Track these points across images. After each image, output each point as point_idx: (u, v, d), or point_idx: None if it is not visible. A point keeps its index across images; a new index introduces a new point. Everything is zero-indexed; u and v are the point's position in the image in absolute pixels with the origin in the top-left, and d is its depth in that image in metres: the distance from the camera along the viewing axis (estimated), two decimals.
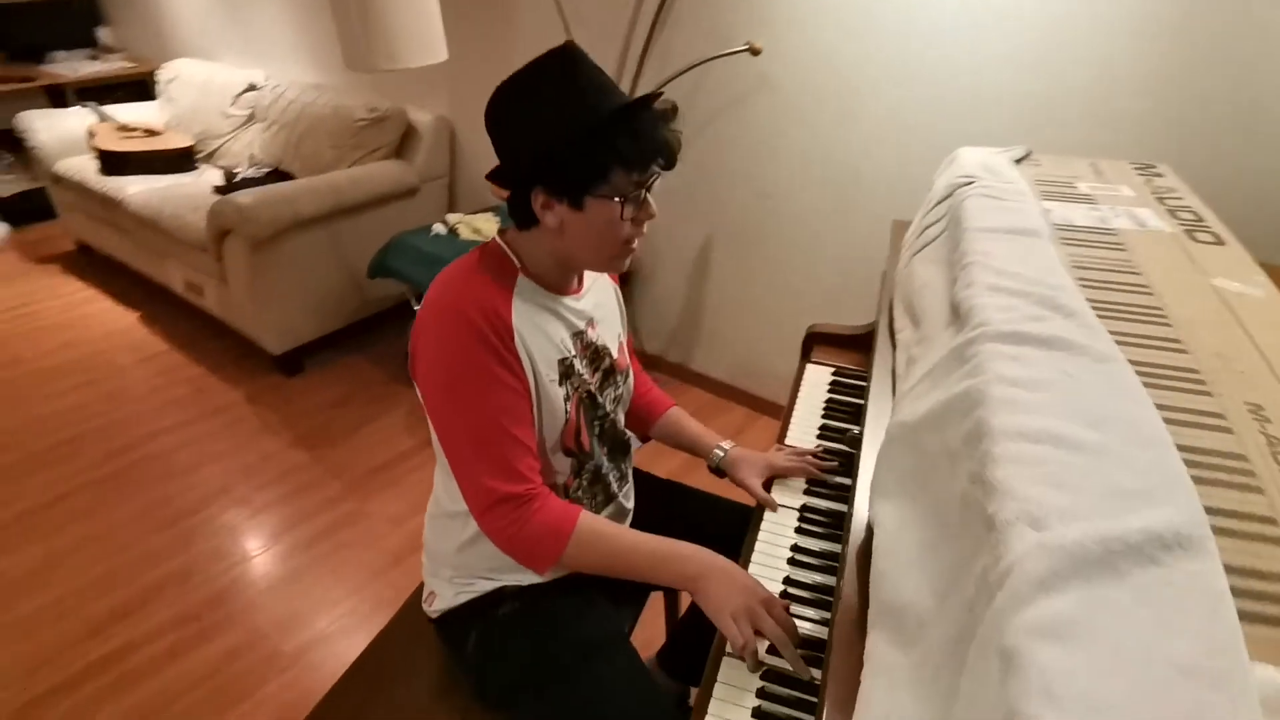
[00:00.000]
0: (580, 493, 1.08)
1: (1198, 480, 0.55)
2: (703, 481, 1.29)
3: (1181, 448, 0.58)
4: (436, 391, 0.92)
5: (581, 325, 1.04)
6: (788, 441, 1.26)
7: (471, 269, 0.95)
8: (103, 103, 3.46)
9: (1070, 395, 0.64)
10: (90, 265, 3.45)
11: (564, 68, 0.90)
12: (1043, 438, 0.59)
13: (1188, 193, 1.17)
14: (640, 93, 2.08)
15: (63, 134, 3.25)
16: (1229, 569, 0.47)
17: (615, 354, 1.11)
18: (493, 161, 0.96)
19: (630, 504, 1.20)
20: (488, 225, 2.44)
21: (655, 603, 1.37)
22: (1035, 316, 0.76)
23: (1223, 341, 0.75)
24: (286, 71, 3.27)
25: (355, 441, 2.35)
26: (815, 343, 1.55)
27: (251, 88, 3.13)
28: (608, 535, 0.96)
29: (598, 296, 1.09)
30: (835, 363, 1.48)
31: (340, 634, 1.72)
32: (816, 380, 1.43)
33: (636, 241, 0.96)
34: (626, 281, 2.63)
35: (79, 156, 3.18)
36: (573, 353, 1.01)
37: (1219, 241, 1.00)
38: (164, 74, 3.51)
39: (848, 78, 1.91)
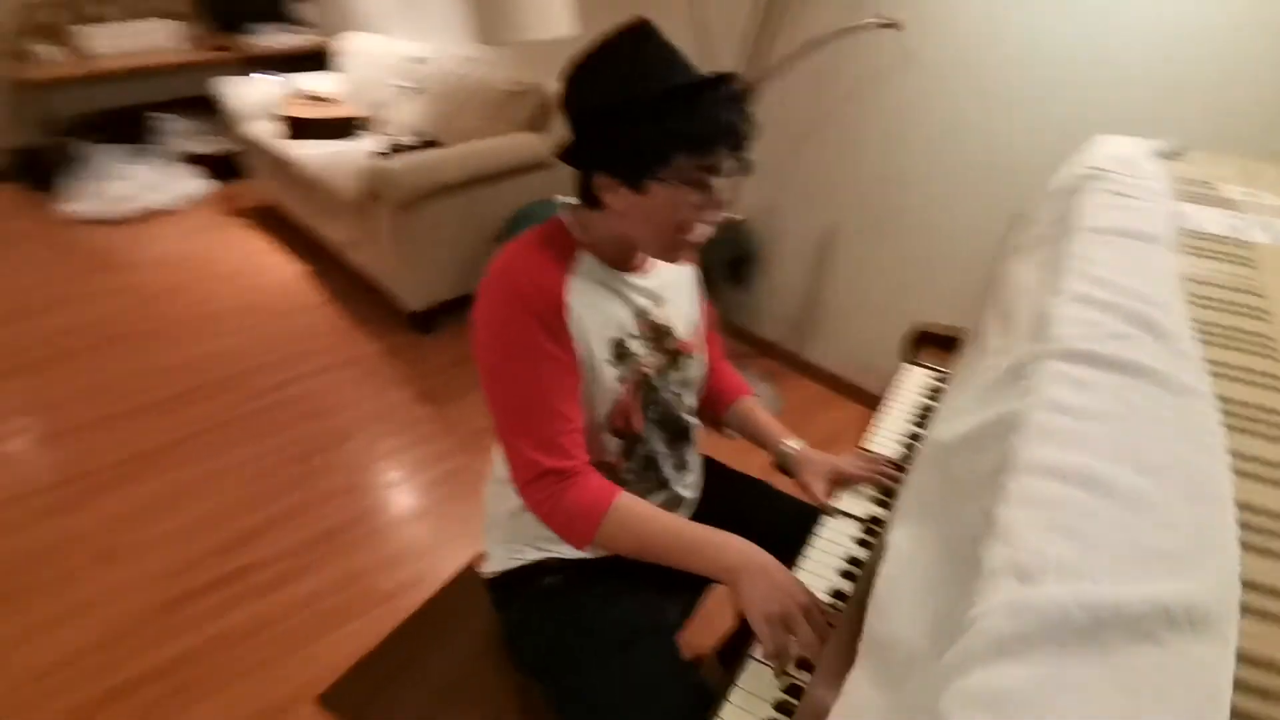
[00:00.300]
0: (630, 474, 1.07)
1: (1252, 549, 0.46)
2: (783, 481, 1.23)
3: (1246, 506, 0.48)
4: (487, 362, 0.94)
5: (646, 304, 1.02)
6: (871, 447, 1.18)
7: (532, 244, 0.96)
8: (289, 73, 3.82)
9: (1128, 431, 0.55)
10: (270, 221, 3.83)
11: (633, 46, 0.87)
12: (1075, 477, 0.51)
13: None
14: (756, 70, 2.01)
15: (253, 100, 3.62)
16: (1247, 659, 0.39)
17: (683, 336, 1.08)
18: None
19: (691, 493, 1.17)
20: None
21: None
22: (1119, 334, 0.66)
23: None
24: (448, 46, 3.45)
25: (472, 399, 2.47)
26: (923, 342, 1.44)
27: (419, 60, 3.32)
28: (645, 517, 0.94)
29: (668, 275, 1.07)
30: (940, 365, 1.37)
31: (431, 581, 1.83)
32: (914, 383, 1.33)
33: (699, 230, 0.93)
34: (745, 262, 2.57)
35: (264, 121, 3.53)
36: (633, 333, 1.00)
37: None
38: (342, 47, 3.81)
39: (1000, 56, 1.74)
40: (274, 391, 2.56)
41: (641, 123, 0.85)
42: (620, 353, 0.98)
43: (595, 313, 0.95)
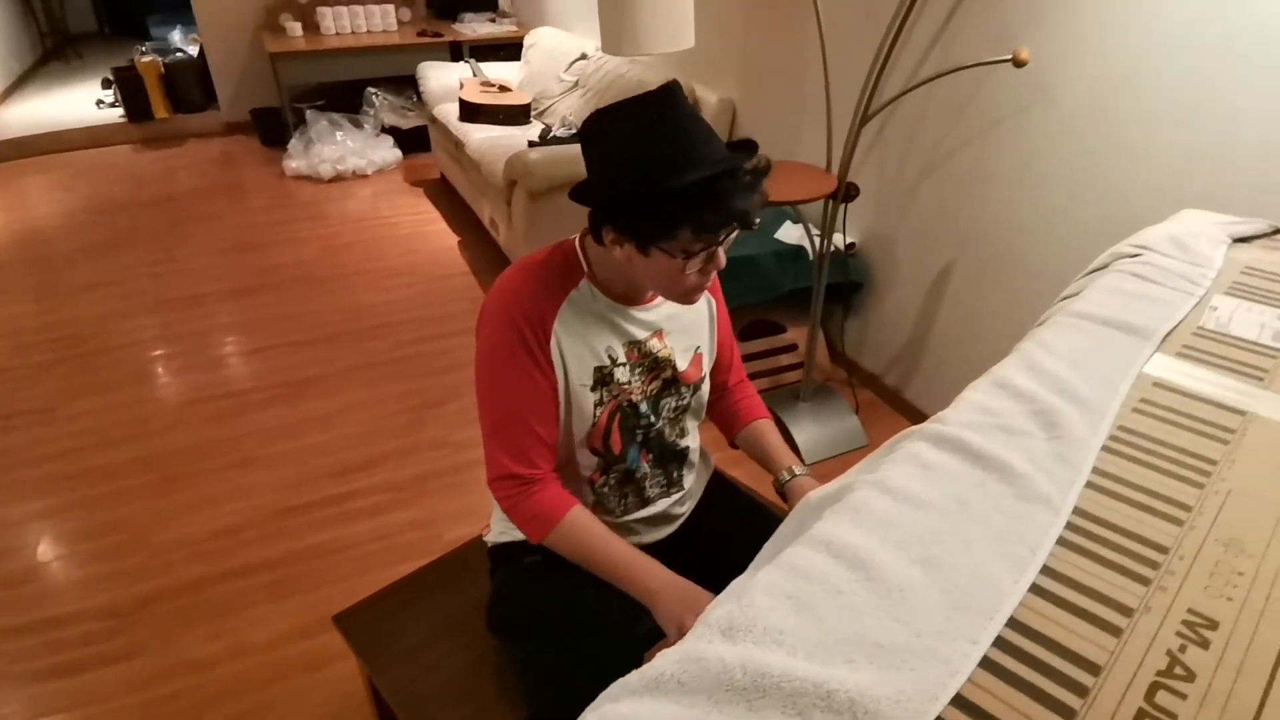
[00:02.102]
0: (607, 489, 1.14)
1: (999, 673, 0.45)
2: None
3: (1018, 625, 0.48)
4: (478, 369, 1.04)
5: (642, 335, 1.07)
6: None
7: (537, 266, 1.04)
8: (483, 60, 4.18)
9: (939, 524, 0.55)
10: (442, 193, 4.24)
11: (659, 114, 0.90)
12: (848, 556, 0.53)
13: None
14: (881, 96, 1.95)
15: (446, 83, 4.00)
16: None
17: (682, 366, 1.12)
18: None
19: (681, 509, 1.22)
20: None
21: None
22: (1008, 428, 0.65)
23: (1254, 531, 0.56)
24: None
25: None
26: None
27: (583, 57, 3.52)
28: (589, 534, 1.02)
29: (675, 308, 1.10)
30: None
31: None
32: None
33: (701, 283, 0.97)
34: (857, 290, 2.51)
35: (451, 104, 3.89)
36: (621, 360, 1.05)
37: None
38: (529, 39, 4.11)
39: (1143, 103, 1.59)
40: (413, 344, 2.87)
41: (655, 202, 0.88)
42: (601, 379, 1.04)
43: (580, 341, 1.02)
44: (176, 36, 5.51)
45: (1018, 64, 1.67)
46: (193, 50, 5.25)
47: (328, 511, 2.09)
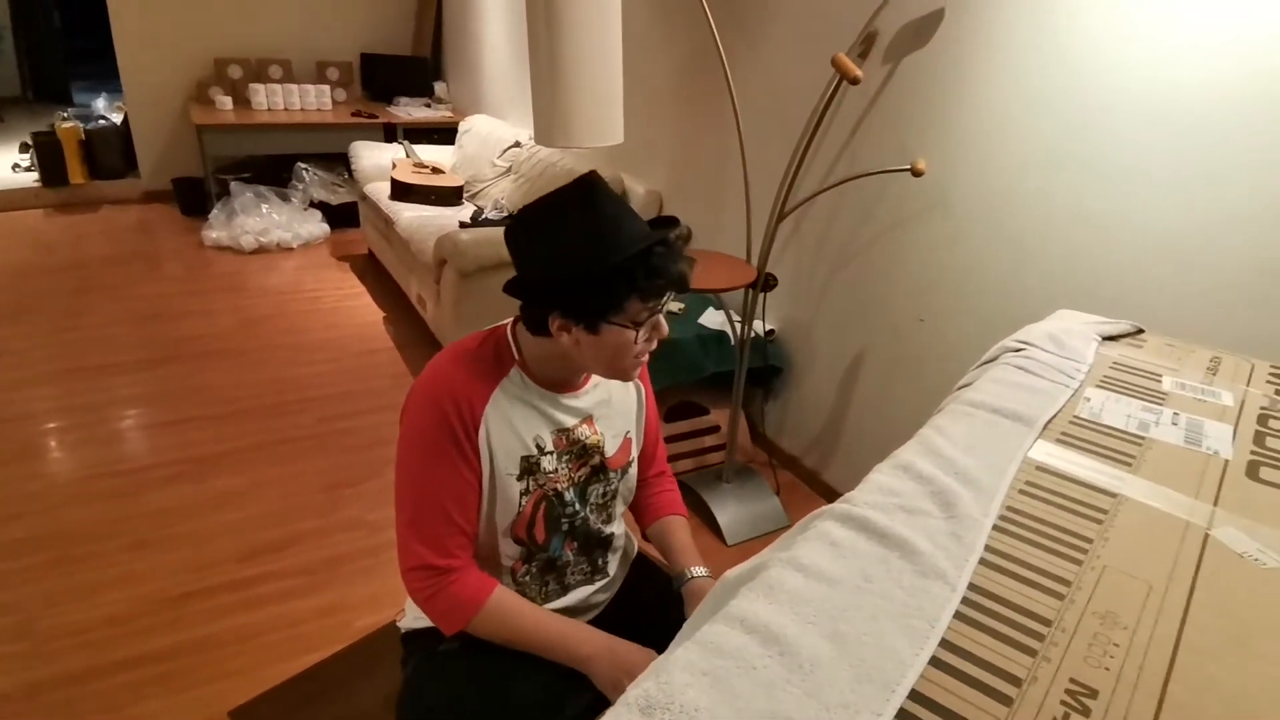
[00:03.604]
0: (528, 578, 1.12)
1: None
2: None
3: (919, 697, 0.50)
4: (401, 454, 1.03)
5: (570, 422, 1.09)
6: None
7: (469, 354, 1.05)
8: (417, 143, 4.26)
9: (847, 600, 0.58)
10: (370, 268, 4.22)
11: (585, 201, 0.96)
12: (762, 632, 0.55)
13: None
14: (796, 196, 2.10)
15: (378, 163, 4.06)
16: None
17: (610, 451, 1.14)
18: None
19: (602, 596, 1.21)
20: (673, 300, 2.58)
21: None
22: (909, 508, 0.69)
23: (1126, 604, 0.62)
24: None
25: None
26: None
27: (515, 145, 3.65)
28: (515, 612, 1.01)
29: (605, 394, 1.13)
30: None
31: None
32: None
33: (644, 353, 1.02)
34: (776, 375, 2.61)
35: (383, 182, 3.93)
36: (548, 449, 1.06)
37: None
38: (464, 125, 4.23)
39: (1023, 213, 1.76)
40: (331, 421, 2.79)
41: (601, 278, 0.93)
42: (528, 468, 1.05)
43: (508, 430, 1.03)
44: (101, 104, 5.43)
45: (916, 173, 1.83)
46: (116, 118, 5.17)
47: (230, 597, 1.97)
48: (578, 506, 1.11)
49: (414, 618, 1.16)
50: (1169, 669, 0.55)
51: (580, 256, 0.94)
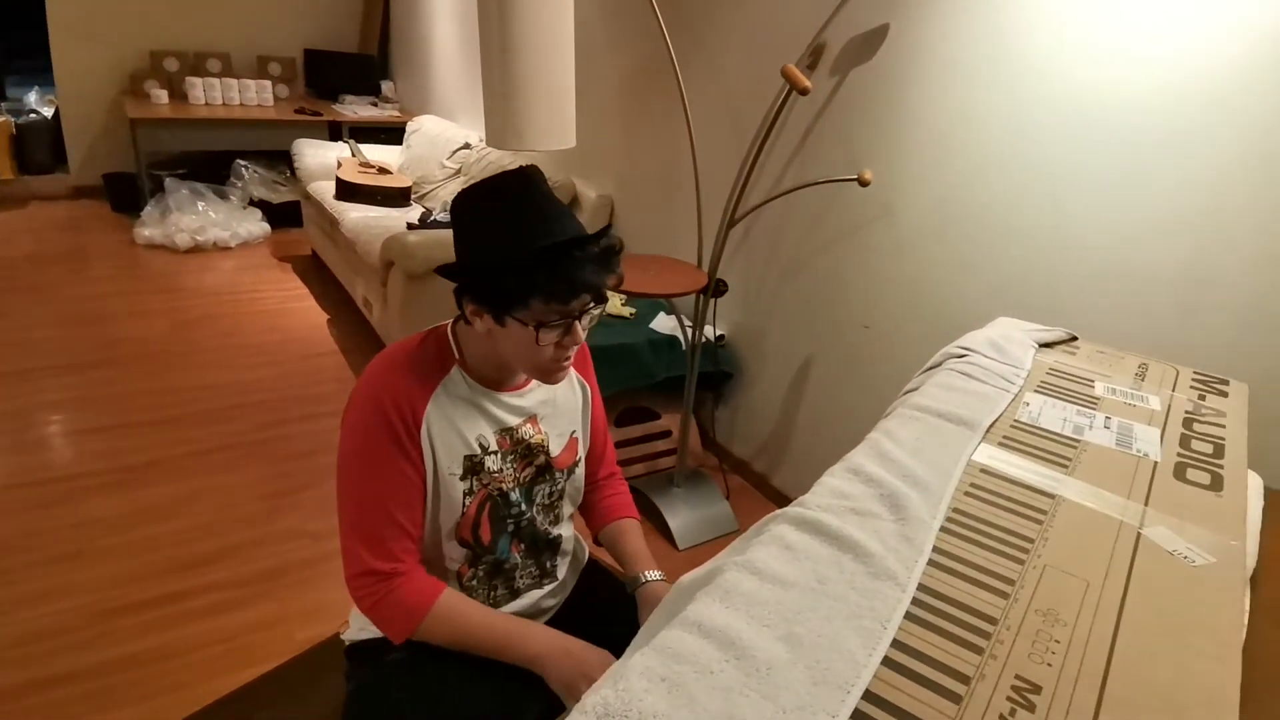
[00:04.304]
0: (475, 582, 1.11)
1: None
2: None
3: (872, 697, 0.51)
4: (342, 458, 1.00)
5: (514, 421, 1.07)
6: None
7: (409, 353, 1.03)
8: (364, 142, 4.17)
9: (801, 602, 0.59)
10: (313, 269, 4.11)
11: (516, 191, 0.95)
12: (718, 636, 0.55)
13: (1239, 422, 0.99)
14: (746, 203, 2.13)
15: (322, 161, 3.96)
16: None
17: (556, 451, 1.13)
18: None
19: (552, 601, 1.20)
20: (623, 305, 2.59)
21: None
22: (860, 510, 0.71)
23: (1066, 602, 0.64)
24: None
25: None
26: None
27: (465, 146, 3.60)
28: (463, 614, 0.99)
29: (549, 393, 1.12)
30: None
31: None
32: None
33: (559, 359, 1.00)
34: (727, 380, 2.64)
35: (327, 181, 3.84)
36: (491, 448, 1.05)
37: (1216, 488, 0.83)
38: (412, 125, 4.15)
39: (963, 225, 1.82)
40: (273, 427, 2.70)
41: (509, 272, 0.92)
42: (472, 468, 1.03)
43: (450, 429, 1.01)
44: (33, 97, 5.18)
45: (862, 183, 1.88)
46: (48, 111, 4.93)
47: (163, 611, 1.88)
48: (524, 507, 1.11)
49: (358, 629, 1.13)
50: (1108, 664, 0.57)
51: (497, 243, 0.93)
